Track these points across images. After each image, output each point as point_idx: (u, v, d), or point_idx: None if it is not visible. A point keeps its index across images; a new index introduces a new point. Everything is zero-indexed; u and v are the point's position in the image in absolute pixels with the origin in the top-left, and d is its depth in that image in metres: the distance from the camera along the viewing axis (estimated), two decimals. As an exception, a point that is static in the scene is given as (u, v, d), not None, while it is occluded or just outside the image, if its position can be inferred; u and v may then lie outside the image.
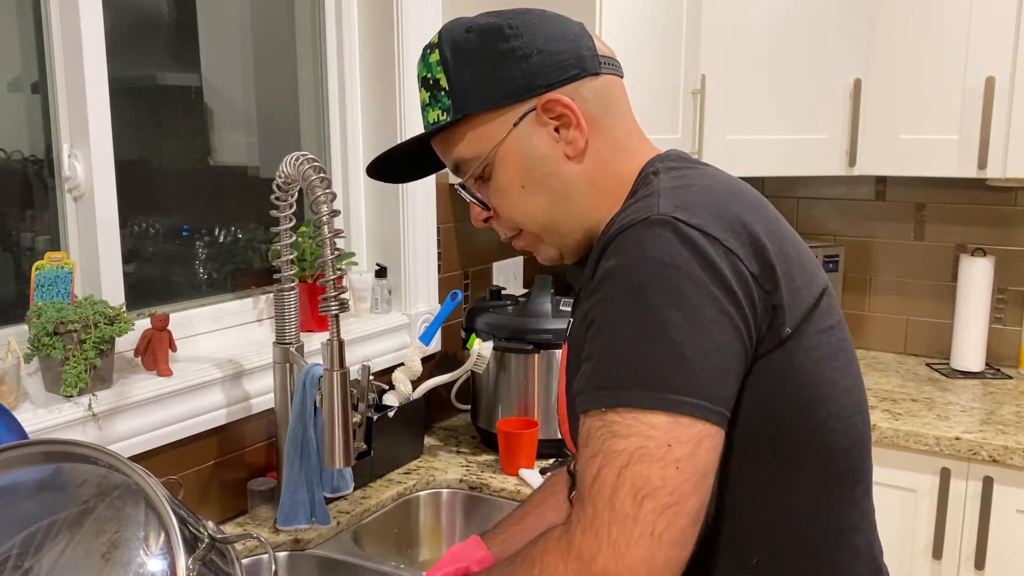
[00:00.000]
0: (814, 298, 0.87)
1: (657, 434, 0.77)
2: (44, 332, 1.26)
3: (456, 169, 1.01)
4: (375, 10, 1.89)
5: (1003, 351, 2.50)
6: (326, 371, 1.30)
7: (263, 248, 1.79)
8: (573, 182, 0.95)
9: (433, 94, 0.96)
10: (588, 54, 0.95)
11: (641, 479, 0.76)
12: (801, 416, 0.87)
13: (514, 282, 2.35)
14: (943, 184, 2.53)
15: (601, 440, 0.79)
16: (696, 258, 0.80)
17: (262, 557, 1.43)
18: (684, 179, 0.90)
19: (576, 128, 0.93)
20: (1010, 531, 1.92)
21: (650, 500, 0.76)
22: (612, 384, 0.80)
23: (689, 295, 0.79)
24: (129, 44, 1.52)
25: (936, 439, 1.96)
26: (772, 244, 0.85)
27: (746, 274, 0.81)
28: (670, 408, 0.77)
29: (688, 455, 0.77)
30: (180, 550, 0.83)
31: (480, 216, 1.03)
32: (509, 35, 0.93)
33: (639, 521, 0.76)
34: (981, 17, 2.12)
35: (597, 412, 0.80)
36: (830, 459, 0.89)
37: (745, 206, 0.87)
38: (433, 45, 0.96)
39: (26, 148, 1.41)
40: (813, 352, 0.86)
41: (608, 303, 0.82)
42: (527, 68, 0.92)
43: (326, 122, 1.93)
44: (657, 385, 0.78)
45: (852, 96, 2.26)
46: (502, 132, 0.94)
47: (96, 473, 0.89)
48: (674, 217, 0.81)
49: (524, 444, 1.76)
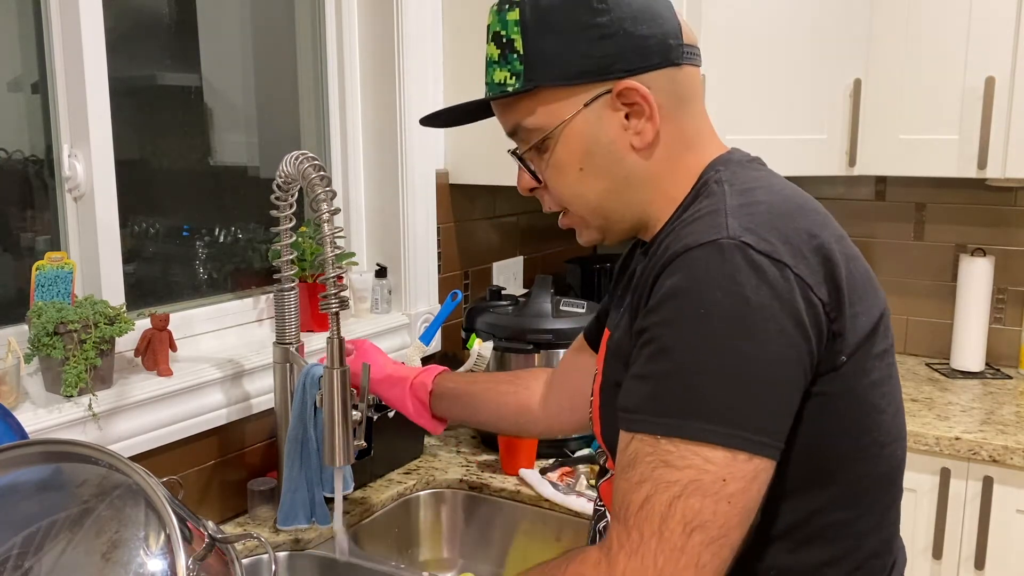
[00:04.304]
0: (872, 323, 0.85)
1: (713, 468, 0.76)
2: (44, 332, 1.26)
3: (513, 134, 0.96)
4: (375, 10, 1.89)
5: (1003, 351, 2.50)
6: (326, 369, 1.30)
7: (263, 248, 1.79)
8: (634, 174, 0.92)
9: (504, 53, 0.90)
10: (674, 43, 0.90)
11: (692, 512, 0.76)
12: (844, 441, 0.85)
13: (514, 282, 2.35)
14: (943, 184, 2.53)
15: (651, 468, 0.78)
16: (766, 287, 0.77)
17: (262, 557, 1.43)
18: (750, 194, 0.86)
19: (648, 120, 0.89)
20: (1010, 531, 1.92)
21: (699, 533, 0.76)
22: (671, 412, 0.78)
23: (756, 327, 0.77)
24: (129, 44, 1.52)
25: (936, 439, 1.96)
26: (840, 267, 0.82)
27: (815, 302, 0.79)
28: (729, 443, 0.76)
29: (742, 490, 0.76)
30: (180, 550, 0.83)
31: (528, 185, 0.98)
32: (598, 8, 0.87)
33: (686, 552, 0.75)
34: (981, 17, 2.12)
35: (650, 437, 0.78)
36: (863, 485, 0.88)
37: (815, 223, 0.85)
38: (513, 2, 0.90)
39: (26, 148, 1.41)
40: (864, 378, 0.84)
41: (671, 326, 0.79)
42: (609, 48, 0.87)
43: (326, 122, 1.93)
44: (717, 419, 0.76)
45: (852, 96, 2.26)
46: (571, 110, 0.90)
47: (96, 473, 0.89)
48: (743, 241, 0.78)
49: (524, 444, 1.76)
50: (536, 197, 0.99)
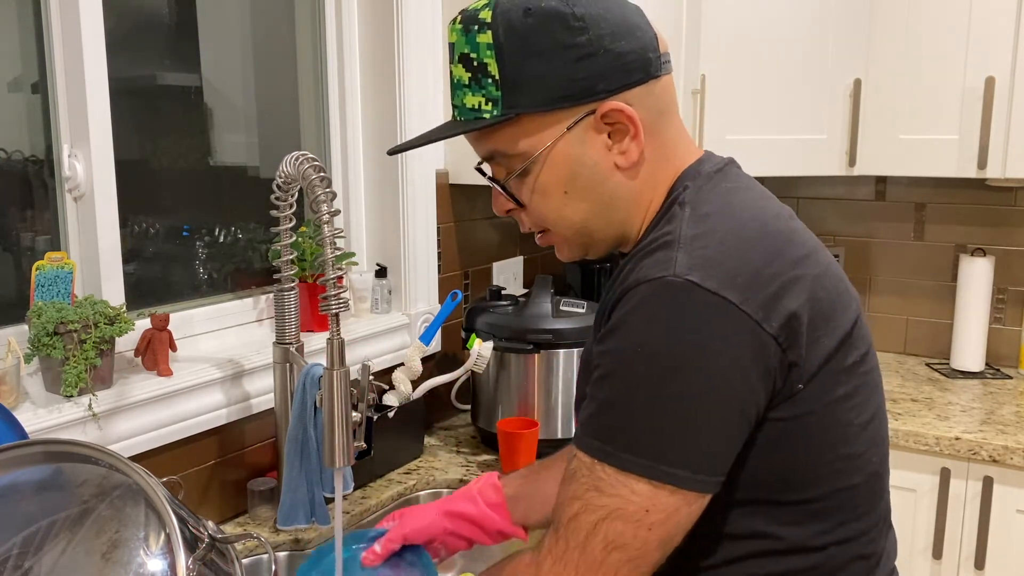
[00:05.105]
0: (838, 340, 0.84)
1: (637, 500, 0.79)
2: (44, 332, 1.26)
3: (490, 159, 0.93)
4: (375, 10, 1.89)
5: (1003, 351, 2.50)
6: (326, 370, 1.30)
7: (263, 248, 1.79)
8: (618, 193, 0.90)
9: (476, 78, 0.86)
10: (653, 56, 0.88)
11: (614, 533, 0.80)
12: (809, 460, 0.85)
13: (514, 282, 2.35)
14: (943, 184, 2.53)
15: (584, 489, 0.82)
16: (707, 328, 0.77)
17: (262, 557, 1.43)
18: (706, 221, 0.84)
19: (633, 139, 0.87)
20: (1010, 531, 1.92)
21: (618, 552, 0.80)
22: (605, 438, 0.81)
23: (692, 366, 0.77)
24: (129, 44, 1.52)
25: (936, 439, 1.96)
26: (798, 295, 0.81)
27: (764, 337, 0.79)
28: (655, 477, 0.79)
29: (663, 520, 0.80)
30: (180, 550, 0.83)
31: (504, 207, 0.95)
32: (575, 27, 0.83)
33: (603, 567, 0.81)
34: (981, 17, 2.12)
35: (588, 458, 0.82)
36: (839, 498, 0.88)
37: (771, 251, 0.83)
38: (484, 23, 0.85)
39: (26, 148, 1.41)
40: (827, 396, 0.84)
41: (613, 357, 0.81)
42: (591, 68, 0.84)
43: (326, 122, 1.93)
44: (645, 452, 0.79)
45: (852, 96, 2.27)
46: (554, 135, 0.87)
47: (96, 473, 0.89)
48: (688, 280, 0.78)
49: (524, 444, 1.76)
50: (515, 219, 0.97)
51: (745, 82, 2.22)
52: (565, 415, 1.86)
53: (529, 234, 0.98)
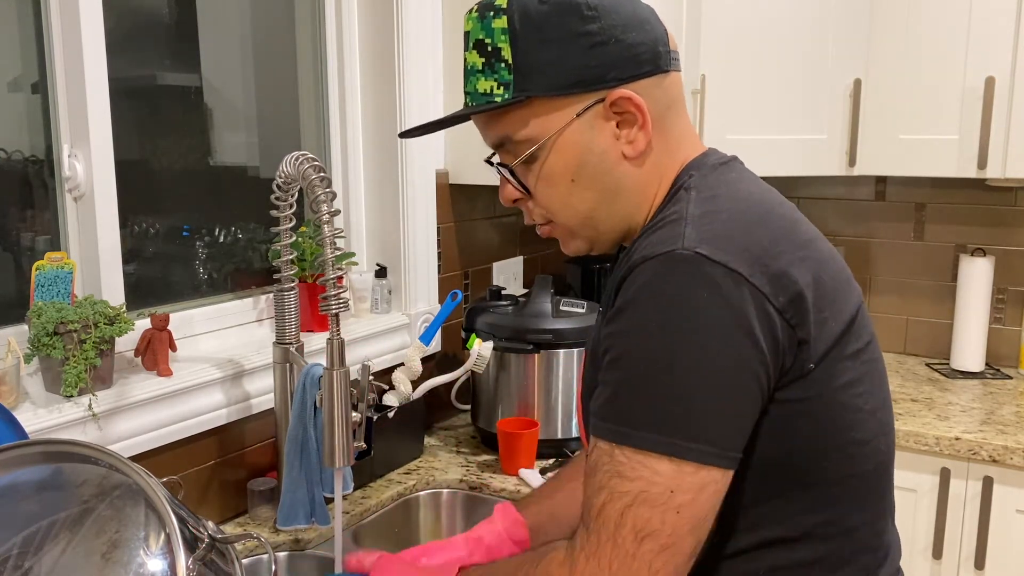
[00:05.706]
0: (843, 325, 0.85)
1: (661, 480, 0.78)
2: (44, 332, 1.26)
3: (499, 146, 0.93)
4: (375, 10, 1.89)
5: (1003, 351, 2.50)
6: (326, 370, 1.30)
7: (263, 248, 1.79)
8: (625, 183, 0.91)
9: (490, 63, 0.88)
10: (663, 50, 0.89)
11: (642, 520, 0.78)
12: (820, 444, 0.86)
13: (514, 282, 2.35)
14: (943, 184, 2.53)
15: (607, 476, 0.80)
16: (718, 299, 0.78)
17: (262, 557, 1.43)
18: (713, 201, 0.86)
19: (640, 129, 0.89)
20: (1010, 531, 1.92)
21: (649, 540, 0.78)
22: (622, 421, 0.80)
23: (706, 338, 0.77)
24: (129, 44, 1.52)
25: (936, 439, 1.96)
26: (803, 274, 0.82)
27: (771, 312, 0.79)
28: (676, 453, 0.78)
29: (689, 501, 0.78)
30: (180, 550, 0.83)
31: (512, 196, 0.95)
32: (588, 16, 0.86)
33: (637, 558, 0.79)
34: (981, 17, 2.12)
35: (607, 444, 0.81)
36: (848, 484, 0.88)
37: (777, 232, 0.84)
38: (500, 9, 0.88)
39: (26, 148, 1.41)
40: (836, 381, 0.85)
41: (624, 336, 0.80)
42: (602, 57, 0.86)
43: (326, 122, 1.93)
44: (665, 429, 0.78)
45: (852, 96, 2.26)
46: (563, 121, 0.88)
47: (96, 473, 0.89)
48: (698, 252, 0.79)
49: (524, 444, 1.76)
50: (520, 208, 0.97)
51: (745, 82, 2.22)
52: (565, 415, 1.86)
53: (529, 235, 0.97)
